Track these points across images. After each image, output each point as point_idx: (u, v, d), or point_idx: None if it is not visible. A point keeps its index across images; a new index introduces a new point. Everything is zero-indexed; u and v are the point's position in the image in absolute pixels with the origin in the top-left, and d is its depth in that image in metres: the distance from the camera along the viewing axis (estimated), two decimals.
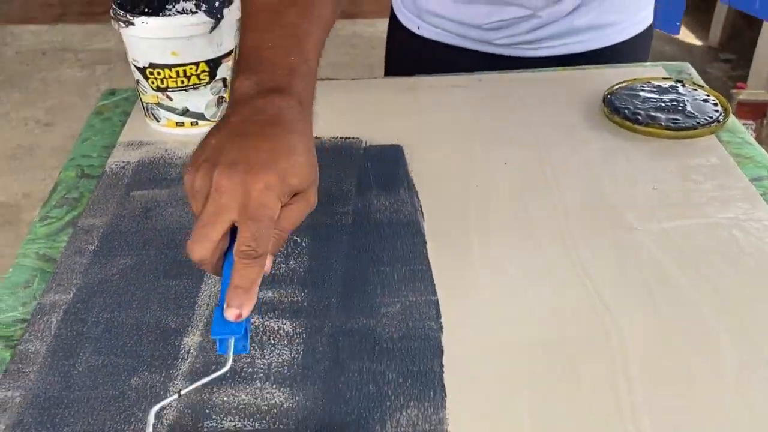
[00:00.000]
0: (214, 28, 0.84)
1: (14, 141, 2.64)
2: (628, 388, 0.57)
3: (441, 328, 0.63)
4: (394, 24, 1.19)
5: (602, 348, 0.61)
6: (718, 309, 0.64)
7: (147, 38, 0.84)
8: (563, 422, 0.55)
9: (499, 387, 0.58)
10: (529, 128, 0.90)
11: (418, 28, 1.13)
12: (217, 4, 0.87)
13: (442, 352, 0.61)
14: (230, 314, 0.51)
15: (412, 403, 0.57)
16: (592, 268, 0.69)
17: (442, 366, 0.60)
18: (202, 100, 0.89)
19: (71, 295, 0.68)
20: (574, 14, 1.03)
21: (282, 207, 0.54)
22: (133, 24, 0.83)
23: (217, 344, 0.53)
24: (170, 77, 0.86)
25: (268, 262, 0.54)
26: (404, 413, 0.56)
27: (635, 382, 0.58)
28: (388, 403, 0.57)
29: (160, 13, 0.88)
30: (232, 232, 0.53)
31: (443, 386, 0.58)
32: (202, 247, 0.53)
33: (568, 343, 0.62)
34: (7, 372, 0.60)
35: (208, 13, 0.84)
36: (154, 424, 0.52)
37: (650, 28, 1.12)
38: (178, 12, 0.89)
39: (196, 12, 0.84)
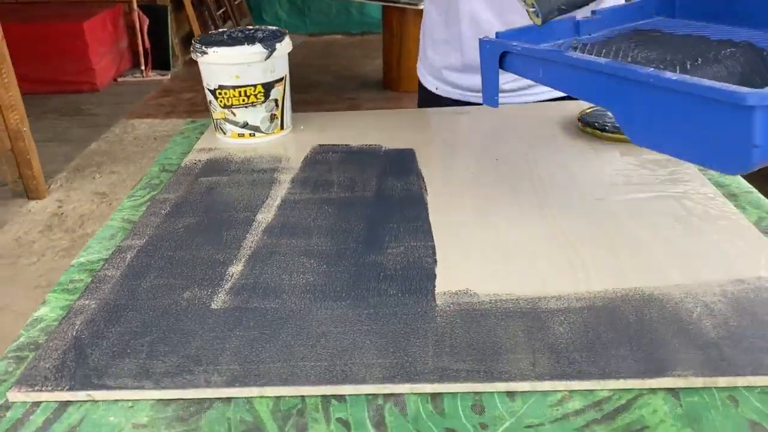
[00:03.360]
0: (268, 57, 0.87)
1: None
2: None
3: (435, 262, 0.62)
4: (420, 85, 1.21)
5: (567, 273, 0.59)
6: (669, 252, 0.62)
7: (217, 64, 0.87)
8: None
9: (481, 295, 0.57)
10: (518, 139, 0.90)
11: (436, 88, 1.15)
12: (271, 40, 0.90)
13: (435, 276, 0.60)
14: None
15: (408, 308, 0.56)
16: (564, 223, 0.68)
17: (435, 286, 0.59)
18: (258, 115, 0.91)
19: (144, 241, 0.69)
20: None
21: None
22: (206, 53, 0.87)
23: None
24: (234, 96, 0.89)
25: None
26: (401, 316, 0.55)
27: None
28: (386, 310, 0.56)
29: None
30: None
31: (434, 296, 0.57)
32: None
33: (538, 269, 0.60)
34: (86, 289, 0.61)
35: (264, 45, 0.87)
36: None
37: None
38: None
39: (254, 44, 0.87)
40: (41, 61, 3.85)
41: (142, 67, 4.29)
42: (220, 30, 0.96)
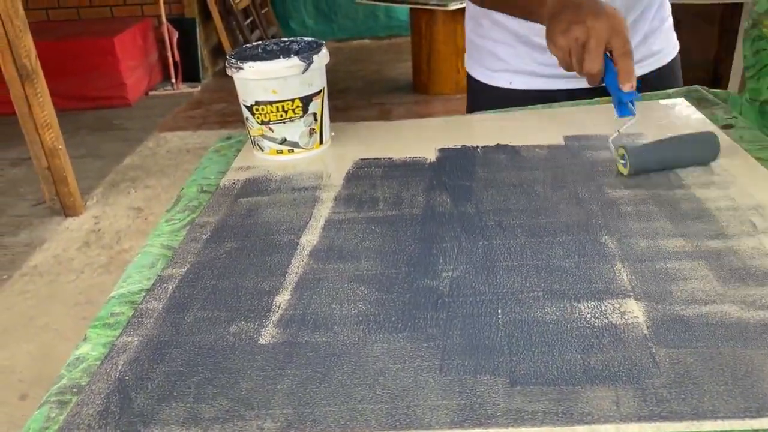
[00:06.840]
0: (305, 70, 0.84)
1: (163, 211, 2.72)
2: None
3: (495, 285, 0.58)
4: (477, 85, 1.12)
5: None
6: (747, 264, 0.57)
7: (253, 79, 0.84)
8: None
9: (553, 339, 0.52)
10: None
11: (510, 83, 1.06)
12: (308, 52, 0.86)
13: (497, 301, 0.56)
14: (627, 87, 0.72)
15: (471, 339, 0.51)
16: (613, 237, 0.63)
17: (499, 312, 0.54)
18: (297, 131, 0.88)
19: (185, 269, 0.66)
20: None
21: None
22: (242, 68, 0.84)
23: (617, 110, 0.75)
24: (271, 112, 0.86)
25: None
26: (464, 349, 0.50)
27: None
28: (447, 342, 0.52)
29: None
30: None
31: (498, 325, 0.52)
32: (596, 62, 0.72)
33: None
34: (128, 324, 0.58)
35: (301, 58, 0.84)
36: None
37: (677, 56, 1.09)
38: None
39: (291, 57, 0.84)
40: (73, 77, 3.89)
41: (173, 80, 4.31)
42: (254, 43, 0.93)
